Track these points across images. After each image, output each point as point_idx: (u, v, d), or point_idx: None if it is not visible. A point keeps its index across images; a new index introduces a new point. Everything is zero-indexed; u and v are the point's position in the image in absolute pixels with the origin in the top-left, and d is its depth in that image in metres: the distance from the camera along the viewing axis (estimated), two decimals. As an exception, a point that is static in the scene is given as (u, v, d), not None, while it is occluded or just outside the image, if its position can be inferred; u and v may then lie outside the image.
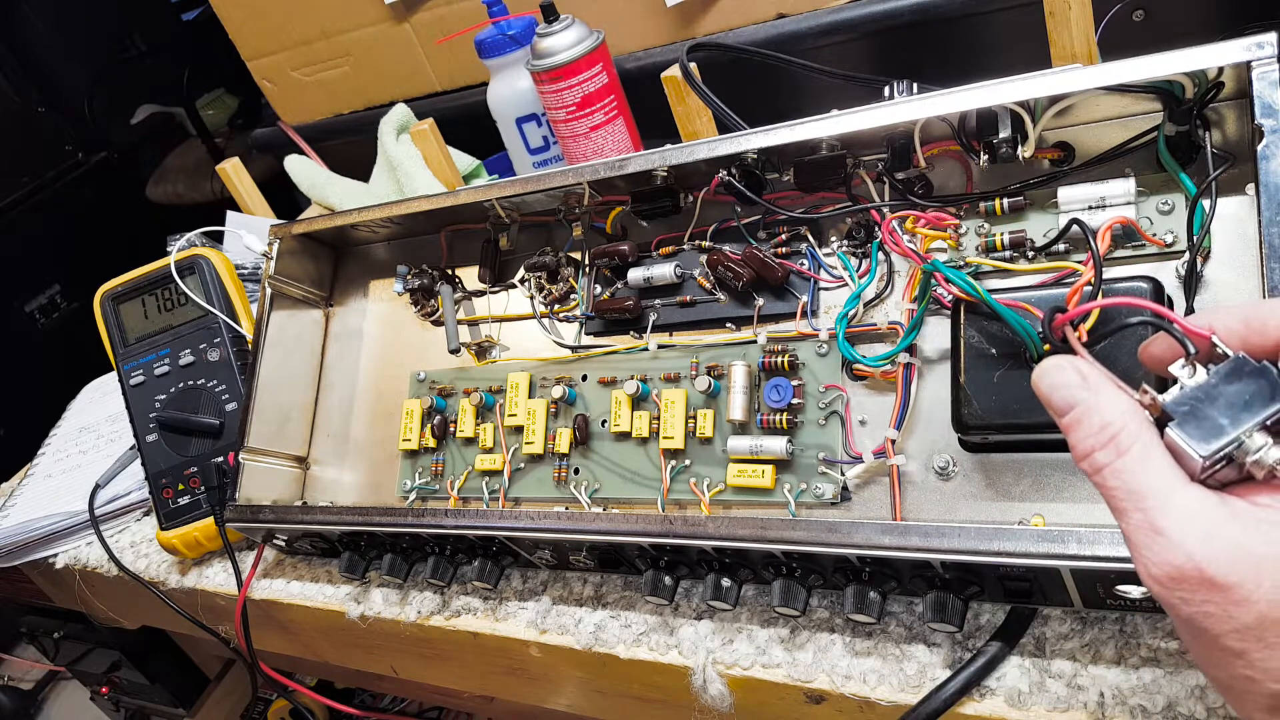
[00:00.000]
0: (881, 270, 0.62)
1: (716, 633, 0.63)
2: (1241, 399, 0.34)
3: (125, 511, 1.02)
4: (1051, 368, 0.38)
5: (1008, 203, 0.58)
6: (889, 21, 0.97)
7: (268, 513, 0.79)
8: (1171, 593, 0.32)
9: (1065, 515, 0.53)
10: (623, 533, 0.62)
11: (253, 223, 1.18)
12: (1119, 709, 0.50)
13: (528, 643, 0.71)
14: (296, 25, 1.31)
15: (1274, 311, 0.35)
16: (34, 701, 2.21)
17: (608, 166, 0.69)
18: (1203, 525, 0.32)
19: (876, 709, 0.56)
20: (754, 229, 0.68)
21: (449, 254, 0.84)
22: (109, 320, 0.99)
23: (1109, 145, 0.57)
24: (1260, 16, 0.86)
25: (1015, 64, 0.60)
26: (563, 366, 0.74)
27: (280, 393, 0.84)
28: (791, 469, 0.62)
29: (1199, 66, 0.50)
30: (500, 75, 1.03)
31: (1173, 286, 0.53)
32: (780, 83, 1.07)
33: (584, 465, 0.71)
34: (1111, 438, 0.35)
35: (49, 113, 2.44)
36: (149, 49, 2.55)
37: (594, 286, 0.74)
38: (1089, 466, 0.36)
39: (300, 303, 0.88)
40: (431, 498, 0.78)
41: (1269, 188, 0.47)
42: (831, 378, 0.62)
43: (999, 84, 0.55)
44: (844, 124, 0.60)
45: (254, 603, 0.86)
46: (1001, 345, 0.53)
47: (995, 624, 0.56)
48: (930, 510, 0.57)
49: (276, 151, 1.39)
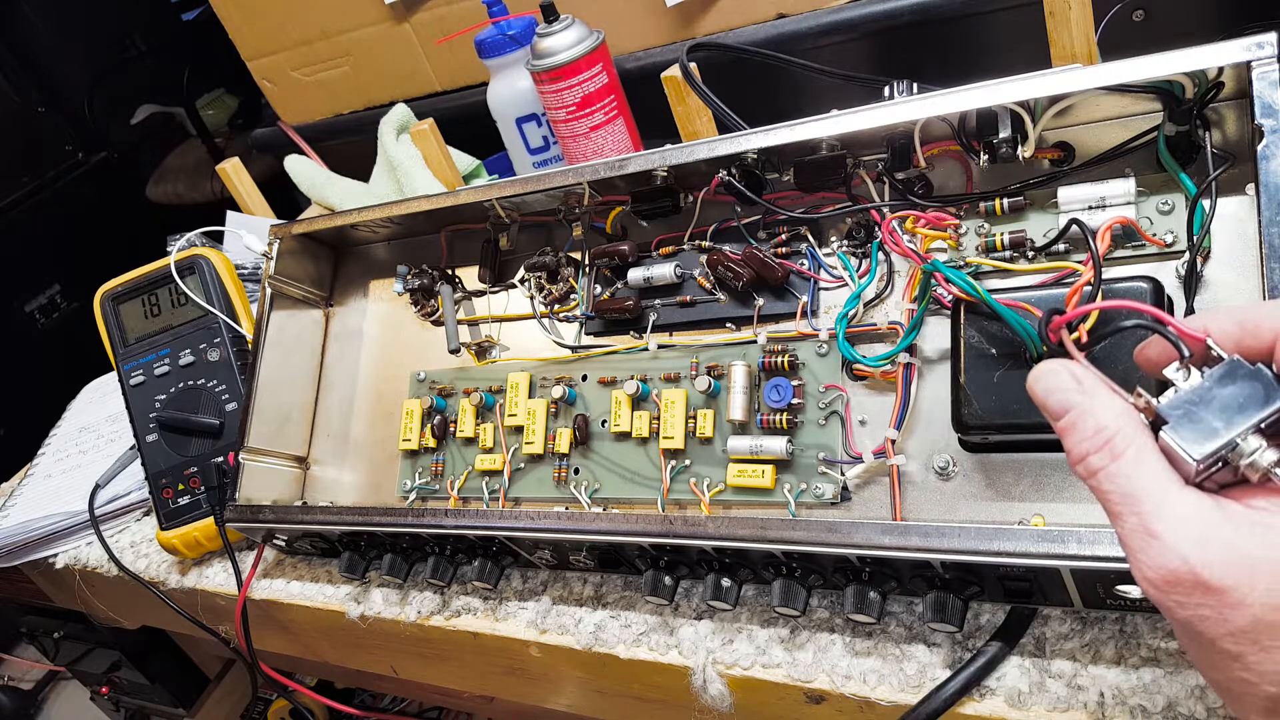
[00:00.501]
0: (881, 270, 0.62)
1: (716, 633, 0.63)
2: (1236, 402, 0.34)
3: (125, 511, 1.02)
4: (1046, 372, 0.38)
5: (1008, 203, 0.58)
6: (889, 21, 0.97)
7: (268, 513, 0.79)
8: (1167, 596, 0.32)
9: (1065, 515, 0.53)
10: (623, 533, 0.62)
11: (253, 223, 1.18)
12: (1119, 709, 0.50)
13: (528, 643, 0.71)
14: (296, 25, 1.31)
15: (1268, 314, 0.35)
16: (34, 701, 2.21)
17: (608, 166, 0.69)
18: (1197, 528, 0.32)
19: (876, 709, 0.56)
20: (754, 229, 0.68)
21: (449, 254, 0.84)
22: (109, 320, 0.99)
23: (1109, 145, 0.57)
24: (1260, 16, 0.86)
25: (1015, 64, 0.60)
26: (563, 366, 0.74)
27: (280, 393, 0.84)
28: (791, 469, 0.62)
29: (1199, 66, 0.50)
30: (500, 75, 1.03)
31: (1173, 287, 0.53)
32: (780, 83, 1.07)
33: (584, 465, 0.71)
34: (1106, 441, 0.35)
35: (49, 113, 2.44)
36: (149, 49, 2.55)
37: (594, 286, 0.74)
38: (1084, 470, 0.36)
39: (300, 303, 0.88)
40: (431, 498, 0.78)
41: (1269, 188, 0.47)
42: (831, 378, 0.62)
43: (999, 84, 0.55)
44: (844, 124, 0.60)
45: (254, 603, 0.86)
46: (1001, 345, 0.53)
47: (995, 624, 0.56)
48: (930, 510, 0.57)
49: (276, 151, 1.39)
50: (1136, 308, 0.41)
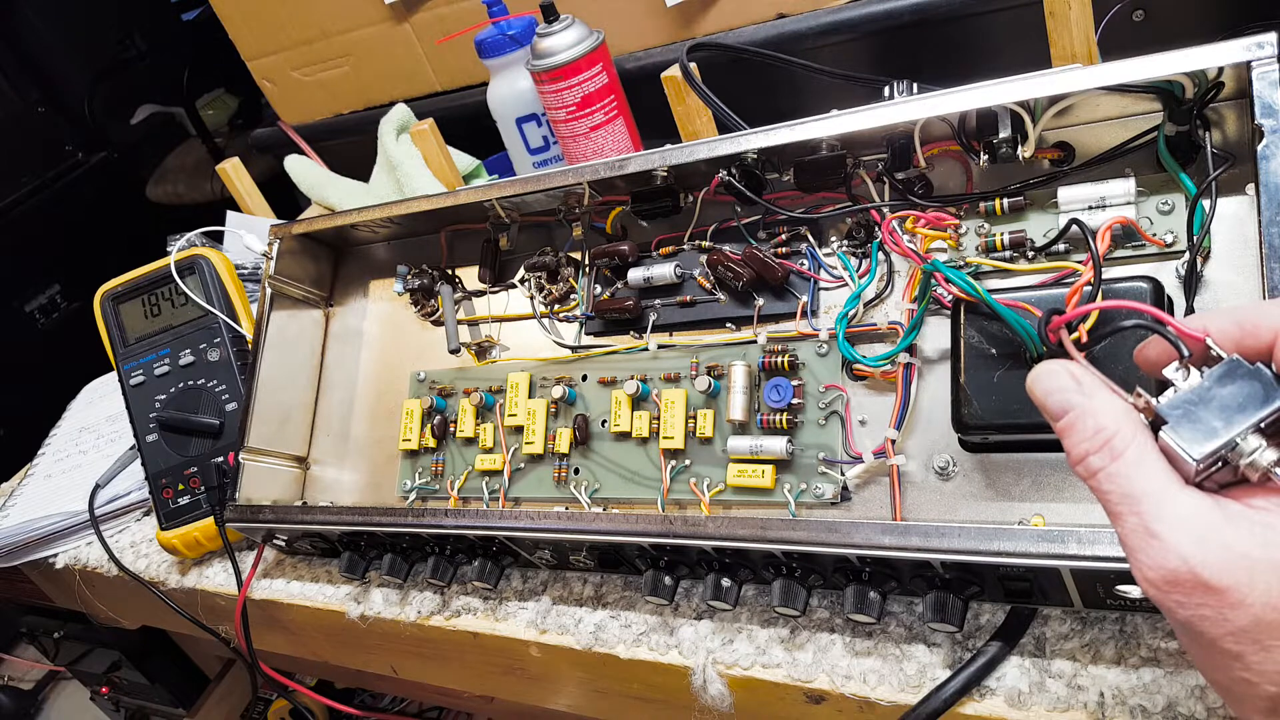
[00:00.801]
0: (881, 270, 0.62)
1: (716, 633, 0.63)
2: (1235, 401, 0.34)
3: (125, 511, 1.02)
4: (1045, 373, 0.38)
5: (1008, 203, 0.58)
6: (889, 21, 0.97)
7: (268, 513, 0.79)
8: (1167, 596, 0.32)
9: (1065, 515, 0.53)
10: (623, 533, 0.62)
11: (253, 223, 1.18)
12: (1119, 709, 0.50)
13: (528, 643, 0.71)
14: (296, 25, 1.31)
15: (1266, 313, 0.35)
16: (34, 701, 2.21)
17: (608, 166, 0.69)
18: (1197, 528, 0.32)
19: (876, 709, 0.56)
20: (754, 229, 0.68)
21: (449, 254, 0.84)
22: (109, 320, 0.99)
23: (1109, 145, 0.57)
24: (1260, 16, 0.86)
25: (1015, 64, 0.60)
26: (563, 366, 0.74)
27: (280, 393, 0.84)
28: (791, 469, 0.62)
29: (1199, 66, 0.50)
30: (500, 75, 1.03)
31: (1173, 287, 0.53)
32: (780, 83, 1.07)
33: (584, 465, 0.71)
34: (1105, 442, 0.35)
35: (49, 113, 2.44)
36: (149, 49, 2.55)
37: (594, 286, 0.74)
38: (1084, 471, 0.36)
39: (300, 303, 0.88)
40: (431, 498, 0.78)
41: (1269, 188, 0.47)
42: (831, 378, 0.62)
43: (999, 84, 0.55)
44: (844, 124, 0.60)
45: (254, 603, 0.86)
46: (1001, 345, 0.53)
47: (995, 624, 0.56)
48: (930, 510, 0.57)
49: (276, 151, 1.39)
50: (1136, 307, 0.41)
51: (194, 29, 2.51)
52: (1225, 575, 0.31)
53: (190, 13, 2.53)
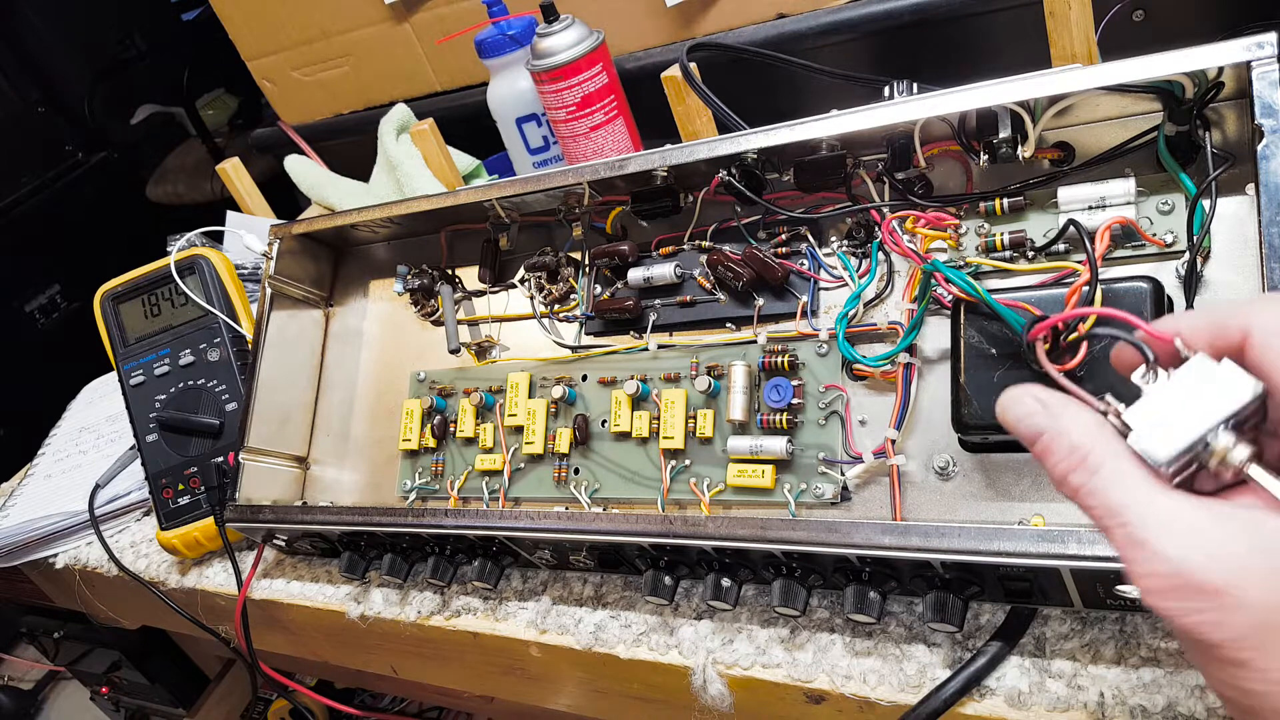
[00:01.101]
0: (881, 270, 0.62)
1: (716, 633, 0.63)
2: (1202, 401, 0.34)
3: (125, 511, 1.02)
4: (1010, 401, 0.38)
5: (1008, 203, 0.58)
6: (889, 21, 0.97)
7: (268, 513, 0.79)
8: (1166, 603, 0.32)
9: (1065, 515, 0.53)
10: (623, 533, 0.62)
11: (253, 223, 1.18)
12: (1119, 709, 0.50)
13: (528, 643, 0.71)
14: (296, 25, 1.31)
15: (1234, 313, 0.35)
16: (34, 701, 2.21)
17: (608, 166, 0.69)
18: (1181, 530, 0.32)
19: (876, 709, 0.56)
20: (754, 229, 0.68)
21: (449, 254, 0.84)
22: (109, 320, 0.99)
23: (1109, 145, 0.57)
24: (1260, 16, 0.86)
25: (1015, 64, 0.60)
26: (563, 366, 0.74)
27: (280, 393, 0.84)
28: (791, 469, 0.62)
29: (1199, 66, 0.50)
30: (500, 75, 1.03)
31: (1173, 287, 0.53)
32: (780, 83, 1.07)
33: (584, 465, 0.71)
34: (1082, 459, 0.35)
35: (49, 113, 2.44)
36: (149, 49, 2.55)
37: (594, 286, 0.74)
38: (1067, 490, 0.36)
39: (300, 303, 0.88)
40: (431, 498, 0.78)
41: (1269, 188, 0.47)
42: (831, 378, 0.62)
43: (999, 84, 0.55)
44: (844, 124, 0.60)
45: (254, 603, 0.86)
46: (1001, 345, 0.53)
47: (995, 624, 0.56)
48: (930, 510, 0.57)
49: (276, 151, 1.39)
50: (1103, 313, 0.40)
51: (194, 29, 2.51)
52: (1216, 574, 0.31)
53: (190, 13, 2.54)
